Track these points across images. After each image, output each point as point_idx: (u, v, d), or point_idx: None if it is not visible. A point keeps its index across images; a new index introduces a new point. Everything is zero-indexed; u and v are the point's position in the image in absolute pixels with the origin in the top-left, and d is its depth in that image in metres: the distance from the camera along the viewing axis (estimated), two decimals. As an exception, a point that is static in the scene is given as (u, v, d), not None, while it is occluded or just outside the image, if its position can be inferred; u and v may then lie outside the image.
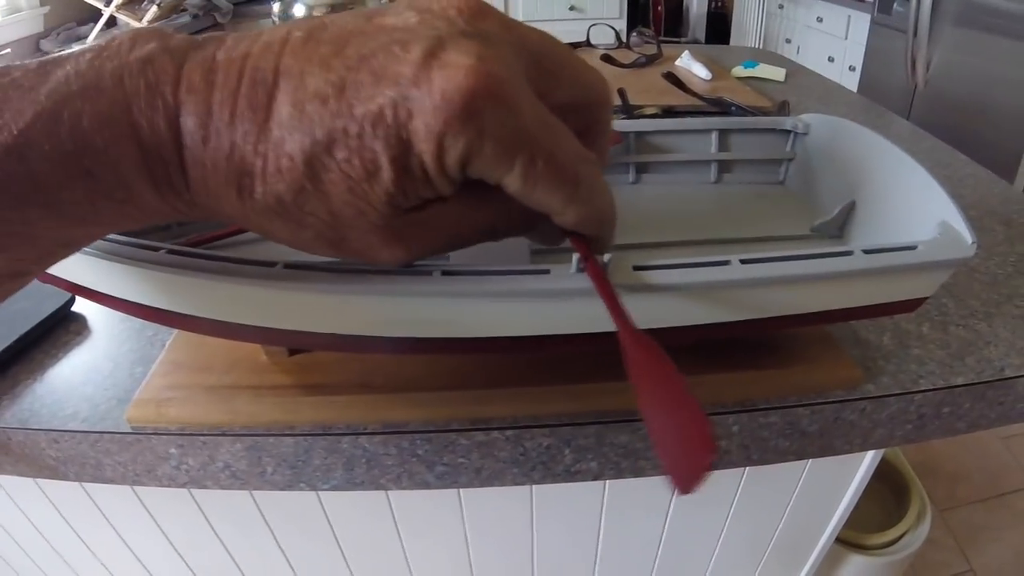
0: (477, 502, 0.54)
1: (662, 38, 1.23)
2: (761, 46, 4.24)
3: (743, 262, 0.30)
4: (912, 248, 0.32)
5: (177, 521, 0.57)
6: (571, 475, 0.39)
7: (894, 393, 0.40)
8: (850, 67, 3.12)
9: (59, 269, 0.36)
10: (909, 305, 0.35)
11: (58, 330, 0.48)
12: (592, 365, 0.39)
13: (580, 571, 0.66)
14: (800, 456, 0.41)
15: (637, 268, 0.29)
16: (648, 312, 0.30)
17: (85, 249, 0.32)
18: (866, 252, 0.31)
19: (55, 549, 0.63)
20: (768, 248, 0.38)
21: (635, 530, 0.61)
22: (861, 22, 2.98)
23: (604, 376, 0.38)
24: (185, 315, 0.33)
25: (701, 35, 5.32)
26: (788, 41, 3.89)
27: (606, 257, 0.29)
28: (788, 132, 0.48)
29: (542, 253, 0.37)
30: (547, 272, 0.29)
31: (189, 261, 0.31)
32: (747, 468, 0.56)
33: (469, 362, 0.39)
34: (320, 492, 0.52)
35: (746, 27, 4.53)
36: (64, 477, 0.43)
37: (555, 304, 0.29)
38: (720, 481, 0.56)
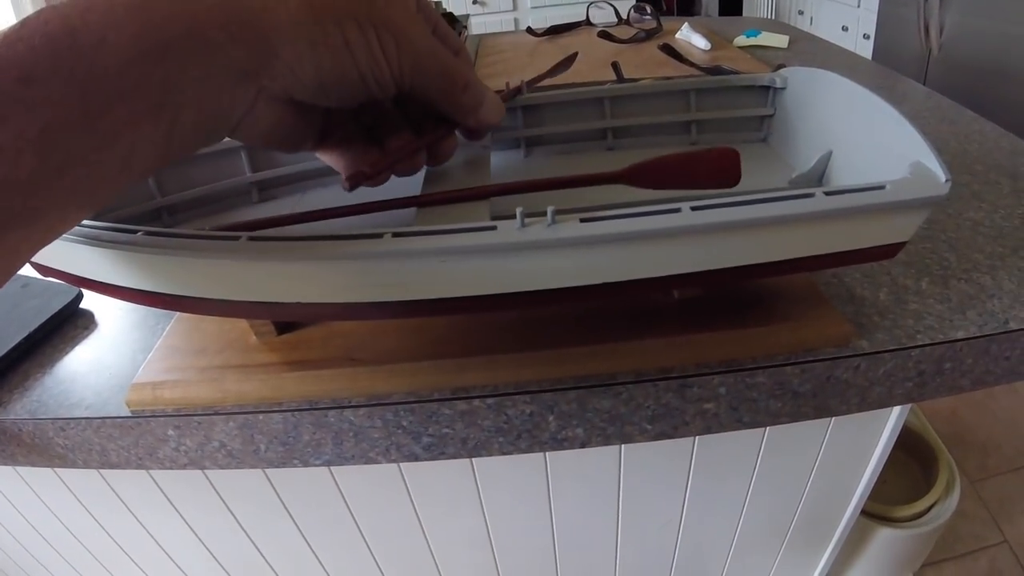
0: (492, 476, 0.55)
1: (675, 15, 1.22)
2: (774, 17, 4.17)
3: (694, 208, 0.29)
4: (880, 188, 0.31)
5: (194, 505, 0.58)
6: (558, 443, 0.39)
7: (889, 349, 0.39)
8: (864, 35, 3.07)
9: (59, 261, 0.38)
10: (886, 251, 0.34)
11: (67, 326, 0.49)
12: (571, 329, 0.39)
13: (603, 548, 0.66)
14: (795, 418, 0.41)
15: (585, 220, 0.29)
16: (601, 266, 0.30)
17: (81, 238, 0.33)
18: (828, 193, 0.30)
19: (74, 535, 0.65)
20: None
21: (655, 505, 0.61)
22: None
23: (583, 341, 0.38)
24: (165, 294, 0.34)
25: (714, 11, 5.24)
26: (801, 13, 3.83)
27: (550, 212, 0.29)
28: (767, 88, 0.47)
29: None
30: (494, 228, 0.29)
31: (162, 240, 0.32)
32: (765, 437, 0.55)
33: (449, 330, 0.39)
34: (334, 471, 0.53)
35: (758, 1, 4.46)
36: (73, 464, 0.44)
37: (504, 259, 0.30)
38: (738, 450, 0.56)
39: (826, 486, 0.62)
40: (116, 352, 0.46)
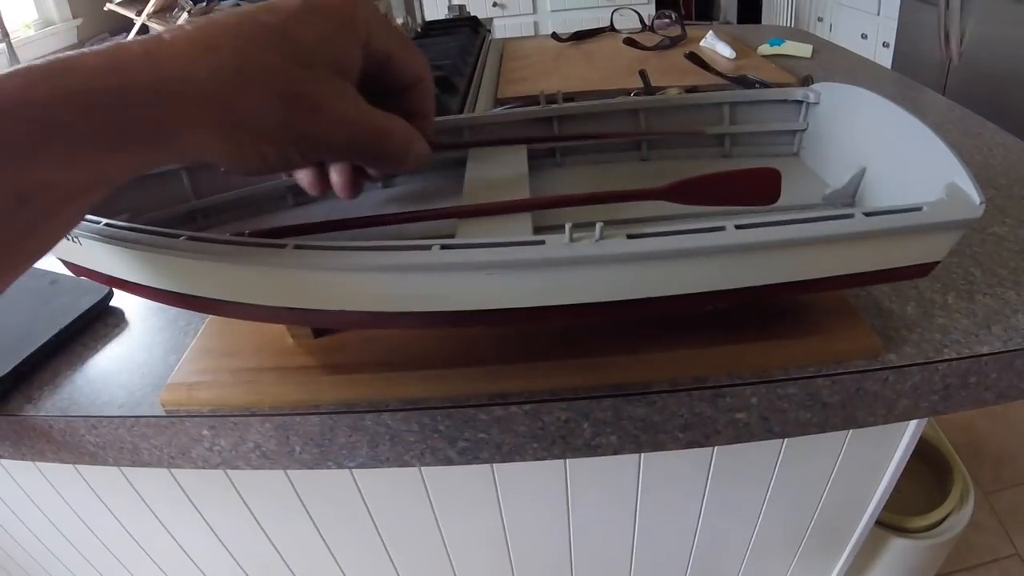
0: (511, 480, 0.55)
1: (694, 22, 1.22)
2: (792, 25, 4.19)
3: (738, 227, 0.30)
4: (917, 209, 0.31)
5: (214, 503, 0.58)
6: (592, 449, 0.40)
7: (917, 363, 0.40)
8: (884, 43, 3.07)
9: (93, 262, 0.38)
10: (920, 270, 0.34)
11: (97, 324, 0.50)
12: (606, 338, 0.39)
13: (618, 553, 0.66)
14: (823, 428, 0.41)
15: (632, 236, 0.29)
16: (646, 281, 0.31)
17: (119, 241, 0.33)
18: (867, 215, 0.31)
19: (93, 531, 0.65)
20: None
21: (672, 512, 0.61)
22: None
23: (618, 350, 0.38)
24: (204, 298, 0.35)
25: (733, 17, 5.29)
26: (820, 20, 3.84)
27: (598, 228, 0.29)
28: (800, 103, 0.48)
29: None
30: (542, 243, 0.29)
31: (206, 246, 0.32)
32: (784, 447, 0.55)
33: (486, 338, 0.39)
34: (355, 472, 0.54)
35: (777, 7, 4.47)
36: (103, 462, 0.44)
37: (551, 273, 0.30)
38: (756, 459, 0.56)
39: (842, 496, 0.62)
40: (147, 351, 0.46)
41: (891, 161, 0.39)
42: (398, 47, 0.33)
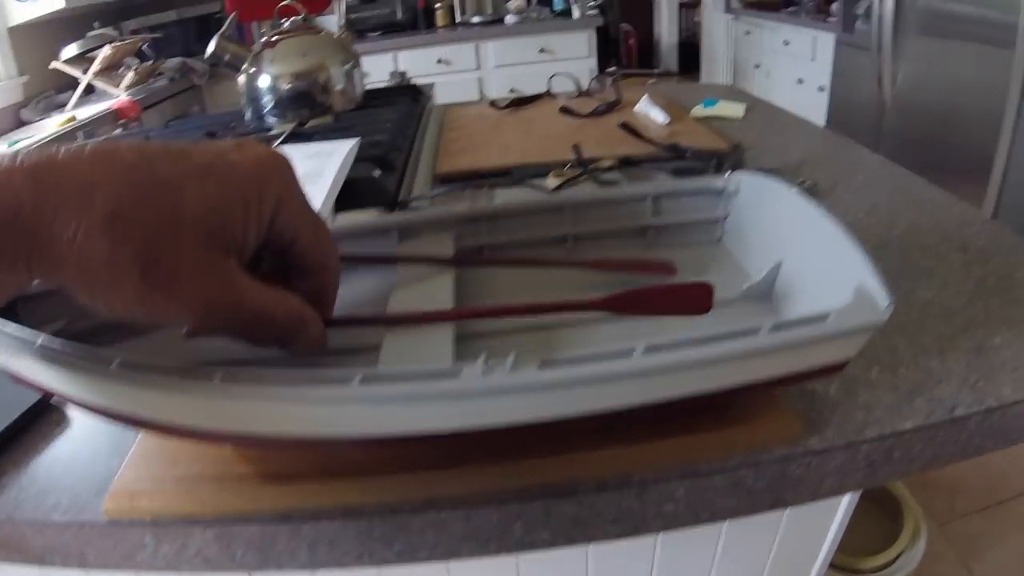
0: (463, 572, 0.56)
1: (635, 70, 1.25)
2: (731, 72, 4.28)
3: (647, 351, 0.31)
4: (822, 319, 0.33)
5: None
6: (525, 545, 0.41)
7: (838, 445, 0.41)
8: (819, 87, 3.14)
9: (31, 374, 0.39)
10: (831, 369, 0.36)
11: (40, 420, 0.50)
12: (534, 439, 0.40)
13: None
14: (751, 512, 0.42)
15: (543, 365, 0.31)
16: (560, 404, 0.32)
17: (49, 360, 0.34)
18: (773, 329, 0.32)
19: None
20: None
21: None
22: (827, 42, 3.01)
23: (546, 451, 0.39)
24: (139, 418, 0.36)
25: (674, 65, 5.42)
26: (757, 66, 3.91)
27: (511, 359, 0.30)
28: (721, 191, 0.49)
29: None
30: (457, 374, 0.31)
31: (138, 375, 0.33)
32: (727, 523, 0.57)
33: (417, 445, 0.40)
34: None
35: (716, 55, 4.56)
36: (52, 564, 0.45)
37: (467, 402, 0.31)
38: (701, 533, 0.57)
39: (791, 552, 0.63)
40: (90, 451, 0.47)
41: (804, 257, 0.41)
42: (307, 231, 0.33)
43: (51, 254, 0.26)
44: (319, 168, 0.69)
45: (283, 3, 1.07)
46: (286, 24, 1.07)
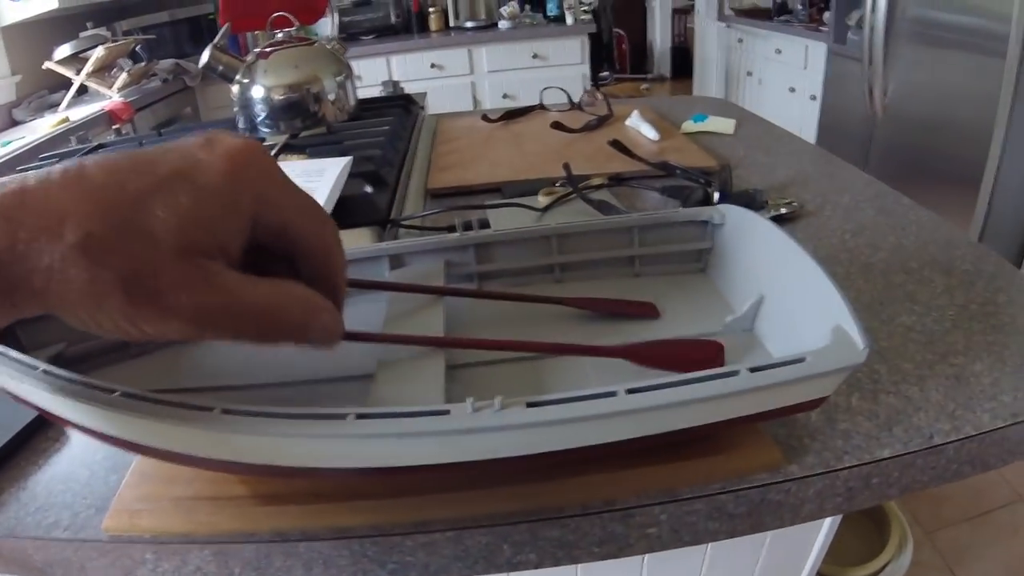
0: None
1: (629, 75, 1.26)
2: (723, 80, 4.30)
3: (629, 392, 0.32)
4: (800, 361, 0.34)
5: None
6: (513, 566, 0.42)
7: (817, 472, 0.42)
8: (811, 96, 3.16)
9: (28, 396, 0.40)
10: (810, 405, 0.37)
11: (37, 437, 0.51)
12: (522, 467, 0.41)
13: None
14: (732, 535, 0.44)
15: (531, 405, 0.32)
16: (546, 440, 0.33)
17: (50, 387, 0.35)
18: (752, 371, 0.33)
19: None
20: None
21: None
22: (819, 52, 3.03)
23: (533, 477, 0.41)
24: (137, 444, 0.37)
25: (666, 70, 5.46)
26: (749, 74, 3.93)
27: (498, 401, 0.32)
28: (706, 223, 0.51)
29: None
30: (447, 413, 0.32)
31: (139, 404, 0.34)
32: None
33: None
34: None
35: (708, 62, 4.57)
36: (52, 578, 0.46)
37: (457, 439, 0.33)
38: (687, 554, 0.58)
39: (777, 567, 0.65)
40: (88, 469, 0.48)
41: (786, 293, 0.42)
42: (296, 216, 0.31)
43: (31, 288, 0.27)
44: (310, 188, 0.70)
45: (276, 14, 1.08)
46: (279, 35, 1.08)
